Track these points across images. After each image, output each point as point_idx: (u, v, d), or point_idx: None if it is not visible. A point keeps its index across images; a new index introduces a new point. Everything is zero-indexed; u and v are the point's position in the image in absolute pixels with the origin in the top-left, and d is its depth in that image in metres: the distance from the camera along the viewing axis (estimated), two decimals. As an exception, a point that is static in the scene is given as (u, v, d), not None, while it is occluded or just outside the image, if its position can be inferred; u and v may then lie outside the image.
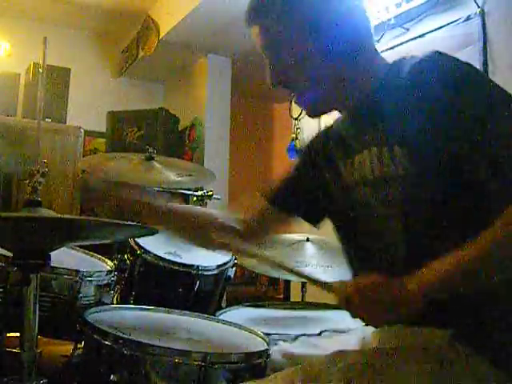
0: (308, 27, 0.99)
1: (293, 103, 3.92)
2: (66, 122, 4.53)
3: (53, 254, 1.22)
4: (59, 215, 1.29)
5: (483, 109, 0.86)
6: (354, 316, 0.88)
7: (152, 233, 1.33)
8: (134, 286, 1.85)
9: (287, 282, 3.65)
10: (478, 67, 2.30)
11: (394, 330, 0.98)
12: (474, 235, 0.82)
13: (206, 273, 1.86)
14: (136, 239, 1.86)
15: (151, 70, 5.14)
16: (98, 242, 1.66)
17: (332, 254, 1.98)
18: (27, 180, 1.39)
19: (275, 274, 2.12)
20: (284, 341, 1.29)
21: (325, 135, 1.20)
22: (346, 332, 1.24)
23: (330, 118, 1.18)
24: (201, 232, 1.19)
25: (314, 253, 2.06)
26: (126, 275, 1.87)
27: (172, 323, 1.42)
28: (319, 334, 1.32)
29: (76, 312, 1.61)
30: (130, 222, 1.13)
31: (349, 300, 0.87)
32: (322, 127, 1.22)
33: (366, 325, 0.99)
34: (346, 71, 1.01)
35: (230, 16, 4.02)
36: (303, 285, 2.17)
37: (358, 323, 0.96)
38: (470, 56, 2.34)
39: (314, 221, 1.24)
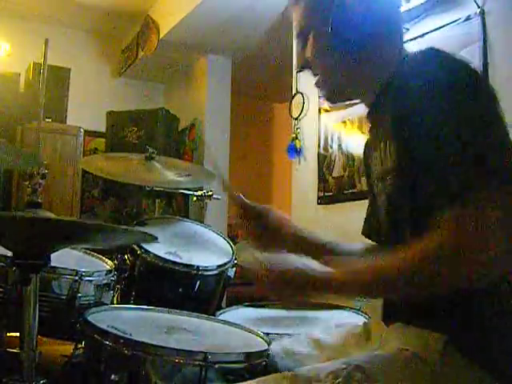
0: (330, 21, 1.03)
1: (293, 103, 3.89)
2: (66, 122, 4.54)
3: (53, 253, 1.22)
4: (58, 217, 1.29)
5: (455, 117, 0.85)
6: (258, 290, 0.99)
7: (152, 239, 1.33)
8: (133, 285, 1.85)
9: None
10: (477, 67, 2.30)
11: (395, 329, 0.98)
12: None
13: (206, 273, 1.85)
14: (136, 239, 1.86)
15: (151, 69, 5.15)
16: (99, 247, 1.66)
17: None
18: (27, 181, 1.39)
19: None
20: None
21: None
22: (346, 328, 1.24)
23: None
24: None
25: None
26: (126, 275, 1.87)
27: (172, 323, 1.41)
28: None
29: (76, 312, 1.61)
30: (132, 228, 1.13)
31: (260, 278, 0.97)
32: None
33: None
34: (364, 65, 1.05)
35: (230, 16, 4.02)
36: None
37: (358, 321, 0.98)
38: (470, 56, 2.34)
39: None
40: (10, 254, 1.23)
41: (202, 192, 2.38)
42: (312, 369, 0.93)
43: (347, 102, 1.16)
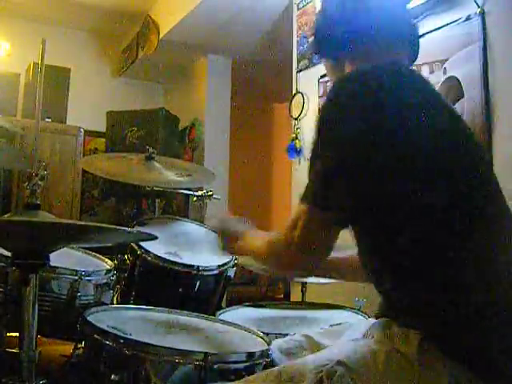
0: (315, 28, 1.16)
1: (293, 103, 3.88)
2: (66, 122, 4.53)
3: (52, 253, 1.22)
4: (57, 220, 1.29)
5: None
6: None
7: (151, 238, 1.33)
8: (133, 285, 1.85)
9: (287, 282, 3.65)
10: (477, 67, 2.31)
11: (380, 323, 0.99)
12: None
13: (206, 273, 1.85)
14: (136, 239, 1.85)
15: (151, 70, 5.14)
16: (98, 245, 1.67)
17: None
18: (26, 183, 1.38)
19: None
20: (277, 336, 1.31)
21: None
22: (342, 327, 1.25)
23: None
24: None
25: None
26: (126, 275, 1.87)
27: (172, 323, 1.42)
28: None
29: (75, 311, 1.61)
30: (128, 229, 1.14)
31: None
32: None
33: None
34: (348, 65, 1.10)
35: (230, 16, 4.02)
36: (303, 285, 2.17)
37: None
38: (470, 56, 2.34)
39: None
40: (9, 253, 1.23)
41: (202, 192, 2.38)
42: (296, 364, 0.94)
43: None
